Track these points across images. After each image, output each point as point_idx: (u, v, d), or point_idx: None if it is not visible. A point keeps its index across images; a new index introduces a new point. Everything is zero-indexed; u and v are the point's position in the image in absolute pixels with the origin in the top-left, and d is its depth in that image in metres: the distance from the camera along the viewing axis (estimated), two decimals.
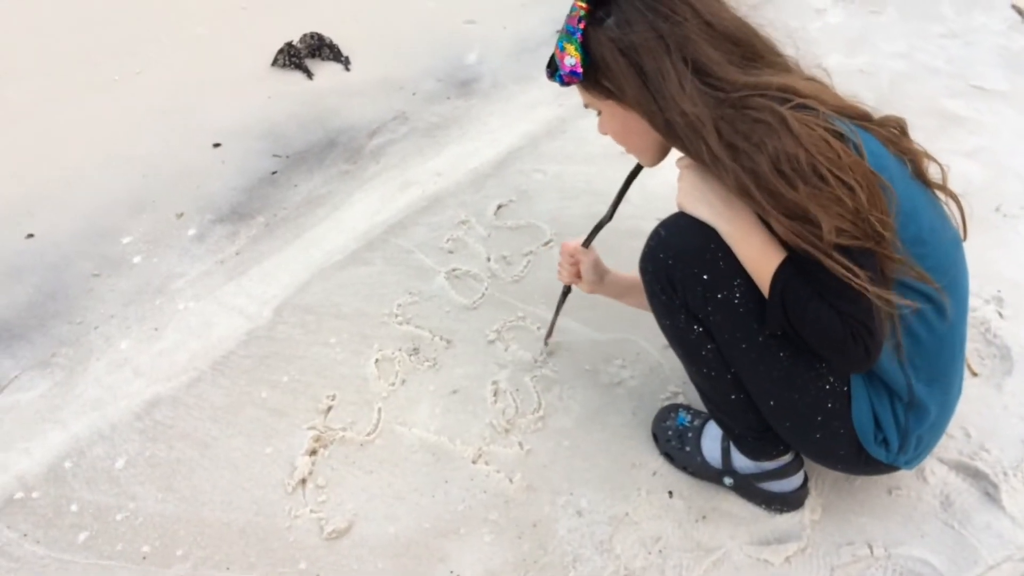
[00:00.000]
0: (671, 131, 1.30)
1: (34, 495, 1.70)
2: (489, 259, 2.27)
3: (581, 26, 1.31)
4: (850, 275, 1.20)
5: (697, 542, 1.66)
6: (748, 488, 1.70)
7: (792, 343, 1.37)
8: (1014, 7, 3.53)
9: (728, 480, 1.71)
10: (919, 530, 1.66)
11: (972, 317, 2.09)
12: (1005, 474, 1.77)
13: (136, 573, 1.58)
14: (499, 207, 2.45)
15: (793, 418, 1.47)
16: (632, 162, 1.61)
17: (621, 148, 1.54)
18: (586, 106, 1.47)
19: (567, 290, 1.93)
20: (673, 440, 1.79)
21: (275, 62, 3.15)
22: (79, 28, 3.36)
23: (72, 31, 3.34)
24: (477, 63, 3.16)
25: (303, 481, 1.74)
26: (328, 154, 2.69)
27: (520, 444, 1.83)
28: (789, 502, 1.69)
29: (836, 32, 3.50)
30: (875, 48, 3.40)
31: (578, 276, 1.84)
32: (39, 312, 2.14)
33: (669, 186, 1.52)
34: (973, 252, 2.24)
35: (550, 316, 2.01)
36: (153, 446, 1.80)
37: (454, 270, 2.24)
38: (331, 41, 3.21)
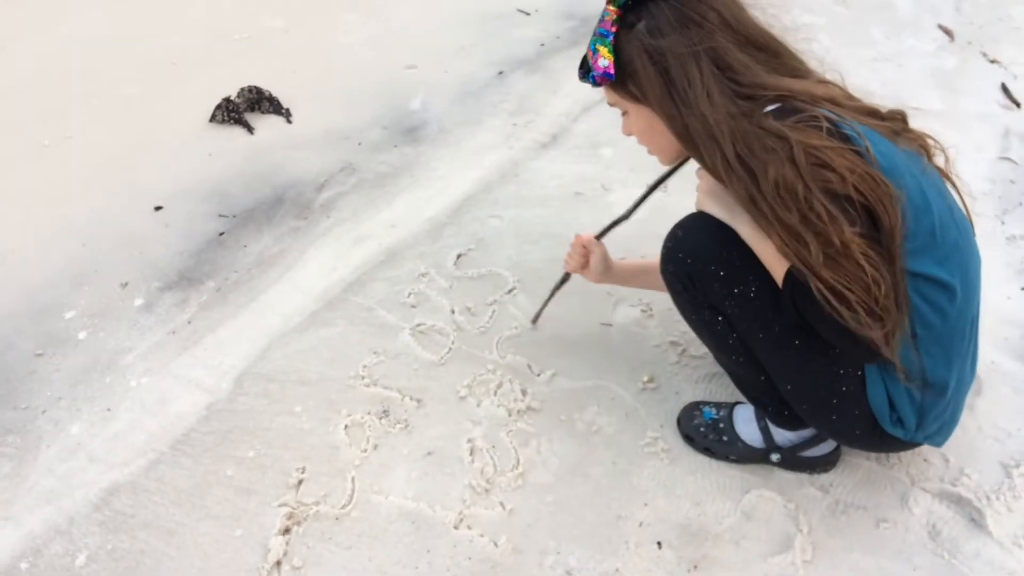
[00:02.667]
0: (688, 136, 1.39)
1: None
2: (453, 311, 2.22)
3: (614, 29, 1.39)
4: (835, 296, 1.28)
5: None
6: (793, 460, 1.81)
7: (806, 331, 1.43)
8: (940, 27, 3.63)
9: (775, 456, 1.81)
10: (910, 563, 1.65)
11: None
12: (988, 498, 1.77)
13: None
14: (459, 256, 2.40)
15: (809, 401, 1.56)
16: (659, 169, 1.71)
17: (575, 191, 1.61)
18: (611, 104, 1.55)
19: (566, 277, 2.04)
20: (710, 435, 1.85)
21: (213, 118, 3.07)
22: (6, 94, 3.23)
23: None
24: (422, 109, 3.13)
25: (278, 563, 1.65)
26: (276, 211, 2.61)
27: (502, 504, 1.77)
28: (829, 462, 1.81)
29: None
30: None
31: (585, 266, 1.96)
32: None
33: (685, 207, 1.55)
34: None
35: (520, 365, 1.98)
36: (115, 538, 1.69)
37: (418, 325, 2.18)
38: (270, 94, 3.14)
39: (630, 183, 2.64)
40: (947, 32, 3.62)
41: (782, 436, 1.79)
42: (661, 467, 1.84)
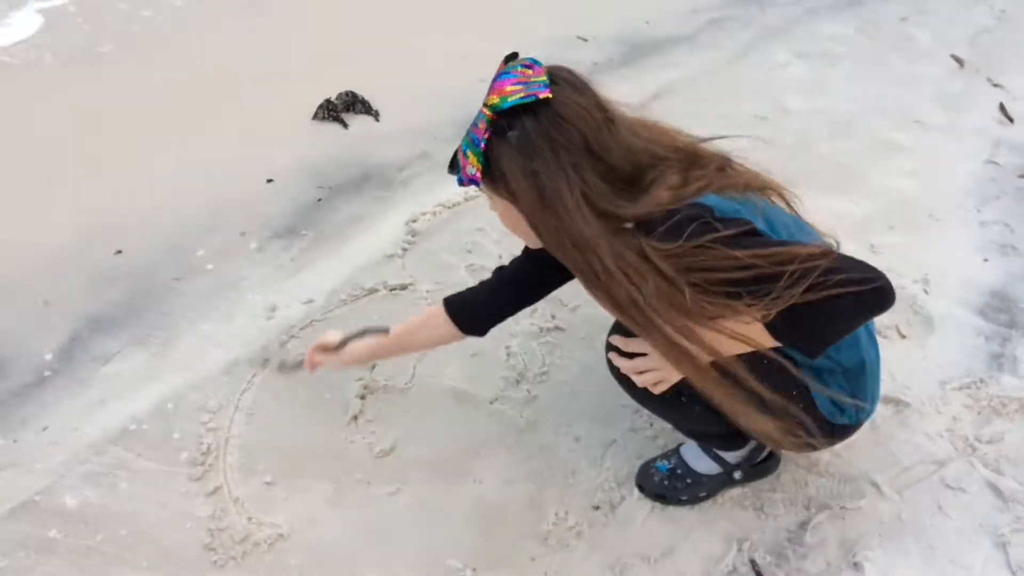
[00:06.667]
0: (560, 244, 1.44)
1: (144, 427, 2.15)
2: (500, 257, 2.73)
3: (486, 136, 1.42)
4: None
5: None
6: (751, 471, 1.96)
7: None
8: (953, 56, 4.04)
9: (737, 474, 1.94)
10: (851, 447, 2.06)
11: (903, 293, 2.53)
12: (922, 403, 2.19)
13: (227, 480, 2.01)
14: None
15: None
16: None
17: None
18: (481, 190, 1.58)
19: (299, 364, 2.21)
20: (676, 484, 1.96)
21: (315, 116, 3.68)
22: (160, 94, 3.92)
23: (154, 97, 3.91)
24: None
25: (355, 417, 2.18)
26: (364, 185, 3.19)
27: (528, 391, 2.26)
28: (776, 462, 2.00)
29: (798, 81, 4.03)
30: (831, 93, 3.92)
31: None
32: (134, 307, 2.59)
33: None
34: (911, 247, 2.78)
35: (552, 296, 2.48)
36: (236, 394, 2.25)
37: (472, 265, 2.71)
38: (363, 98, 3.75)
39: None
40: (958, 61, 4.02)
41: (733, 456, 1.93)
42: None
